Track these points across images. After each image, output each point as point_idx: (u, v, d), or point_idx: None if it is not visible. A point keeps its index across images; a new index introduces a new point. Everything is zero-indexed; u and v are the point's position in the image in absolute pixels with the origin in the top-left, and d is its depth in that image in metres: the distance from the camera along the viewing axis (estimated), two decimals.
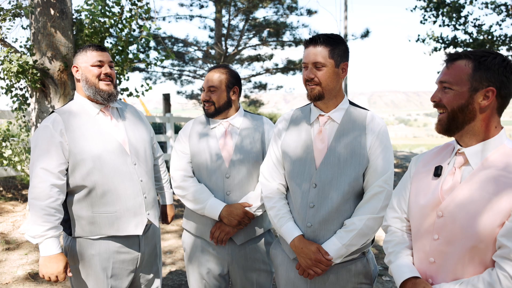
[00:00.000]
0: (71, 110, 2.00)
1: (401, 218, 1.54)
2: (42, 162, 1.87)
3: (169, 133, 8.62)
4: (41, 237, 1.84)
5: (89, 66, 1.99)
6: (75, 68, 2.03)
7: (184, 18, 14.51)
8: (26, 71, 4.14)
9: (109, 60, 2.03)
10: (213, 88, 2.15)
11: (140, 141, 2.11)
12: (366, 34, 14.21)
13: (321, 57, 1.72)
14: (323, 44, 1.73)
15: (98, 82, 1.98)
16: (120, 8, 4.70)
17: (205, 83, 2.18)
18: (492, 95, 1.28)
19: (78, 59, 2.02)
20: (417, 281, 1.37)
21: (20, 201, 5.55)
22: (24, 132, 4.88)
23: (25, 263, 3.77)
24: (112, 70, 2.05)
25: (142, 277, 2.17)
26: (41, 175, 1.86)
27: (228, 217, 2.06)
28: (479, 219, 1.25)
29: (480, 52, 1.29)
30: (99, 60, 1.99)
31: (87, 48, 2.01)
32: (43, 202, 1.83)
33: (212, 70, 2.20)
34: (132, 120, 2.15)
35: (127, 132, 2.07)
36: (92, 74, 1.98)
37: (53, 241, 1.85)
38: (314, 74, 1.73)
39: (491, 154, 1.31)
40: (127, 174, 1.99)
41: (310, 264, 1.71)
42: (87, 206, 1.96)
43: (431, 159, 1.48)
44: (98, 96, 1.99)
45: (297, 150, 1.83)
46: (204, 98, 2.17)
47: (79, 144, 1.92)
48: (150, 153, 2.18)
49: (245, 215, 2.08)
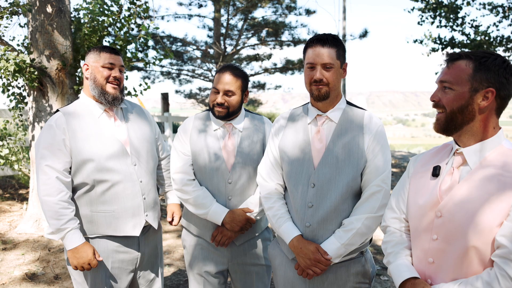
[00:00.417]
0: (75, 109, 2.02)
1: (399, 219, 1.54)
2: (47, 160, 1.90)
3: (167, 132, 8.61)
4: (62, 231, 1.87)
5: (100, 67, 2.00)
6: (85, 66, 2.04)
7: (183, 17, 14.50)
8: (24, 69, 4.12)
9: (120, 64, 2.04)
10: (230, 93, 2.08)
11: (143, 142, 2.11)
12: (365, 34, 14.23)
13: (330, 58, 1.72)
14: (331, 45, 1.73)
15: (106, 84, 1.99)
16: (118, 7, 4.69)
17: (220, 86, 2.08)
18: (492, 96, 1.28)
19: (90, 57, 2.03)
20: (416, 281, 1.37)
21: (17, 201, 5.53)
22: (22, 131, 4.86)
23: (22, 263, 3.76)
24: (122, 74, 2.06)
25: (142, 278, 2.17)
26: (48, 172, 1.89)
27: (231, 223, 2.06)
28: (478, 219, 1.25)
29: (481, 53, 1.30)
30: (110, 63, 2.00)
31: (101, 49, 2.02)
32: (55, 198, 1.86)
33: (227, 72, 2.09)
34: (136, 121, 2.15)
35: (130, 133, 2.07)
36: (101, 75, 1.99)
37: (75, 233, 1.89)
38: (323, 75, 1.72)
39: (489, 154, 1.31)
40: (126, 174, 1.99)
41: (309, 264, 1.72)
42: (86, 205, 1.97)
43: (430, 159, 1.48)
44: (102, 98, 2.00)
45: (295, 150, 1.83)
46: (219, 101, 2.07)
47: (80, 144, 1.93)
48: (153, 154, 2.18)
49: (247, 221, 2.09)
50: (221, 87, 2.08)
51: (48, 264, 3.78)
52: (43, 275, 3.57)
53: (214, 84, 2.12)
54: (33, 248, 4.08)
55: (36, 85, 4.28)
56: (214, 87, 2.12)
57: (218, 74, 2.12)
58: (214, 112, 2.12)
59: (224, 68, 2.12)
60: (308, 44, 1.77)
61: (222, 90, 2.08)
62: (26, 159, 5.22)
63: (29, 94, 4.49)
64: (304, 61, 1.81)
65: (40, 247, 4.12)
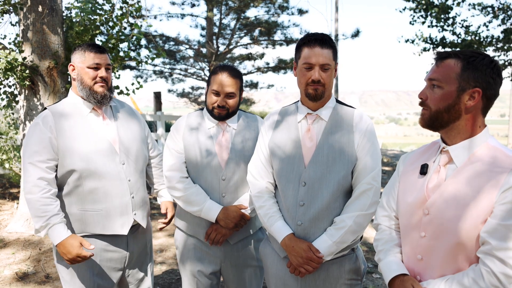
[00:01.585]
0: (63, 108, 2.00)
1: (390, 216, 1.57)
2: (30, 158, 1.89)
3: (160, 131, 8.58)
4: (45, 227, 1.85)
5: (85, 68, 1.97)
6: (71, 66, 2.01)
7: (176, 16, 14.42)
8: (15, 68, 4.09)
9: (106, 63, 2.00)
10: (231, 94, 2.08)
11: (132, 140, 2.10)
12: (357, 34, 14.31)
13: (328, 59, 1.74)
14: (329, 46, 1.74)
15: (94, 85, 1.97)
16: (111, 5, 4.67)
17: (221, 88, 2.05)
18: (478, 96, 1.29)
19: (75, 58, 2.00)
20: (405, 278, 1.39)
21: (8, 200, 5.48)
22: (13, 130, 4.82)
23: (12, 263, 3.73)
24: (109, 73, 2.03)
25: (131, 276, 2.17)
26: (30, 170, 1.88)
27: (225, 220, 2.05)
28: (463, 216, 1.27)
29: (469, 52, 1.31)
30: (96, 63, 1.97)
31: (86, 48, 1.98)
32: (36, 195, 1.85)
33: (226, 74, 2.07)
34: (125, 119, 2.13)
35: (119, 131, 2.06)
36: (88, 76, 1.96)
37: (59, 227, 1.86)
38: (321, 76, 1.73)
39: (475, 151, 1.33)
40: (115, 173, 1.98)
41: (301, 262, 1.73)
42: (74, 203, 1.97)
43: (418, 158, 1.50)
44: (91, 98, 1.98)
45: (285, 148, 1.84)
46: (221, 104, 2.06)
47: (67, 143, 1.92)
48: (143, 153, 2.16)
49: (242, 218, 2.08)
50: (221, 89, 2.06)
51: (39, 263, 3.75)
52: (33, 274, 3.55)
53: (213, 86, 2.08)
54: (24, 247, 4.05)
55: (28, 84, 4.24)
56: (213, 89, 2.08)
57: (216, 76, 2.08)
58: (213, 114, 2.11)
59: (222, 70, 2.09)
60: (305, 43, 1.75)
61: (224, 93, 2.06)
62: (17, 158, 5.18)
63: (20, 93, 4.45)
64: (298, 59, 1.79)
65: (31, 246, 4.09)
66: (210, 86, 2.11)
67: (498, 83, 1.30)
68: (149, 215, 2.23)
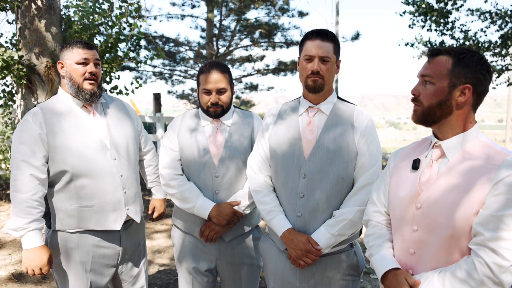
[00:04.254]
0: (53, 105, 1.99)
1: (381, 212, 1.58)
2: (22, 155, 1.86)
3: (160, 132, 8.57)
4: (23, 229, 1.83)
5: (74, 64, 1.96)
6: (60, 64, 2.01)
7: (176, 17, 14.46)
8: (11, 66, 4.08)
9: (95, 58, 2.00)
10: (223, 90, 2.08)
11: (123, 136, 2.09)
12: (357, 37, 14.34)
13: (328, 52, 1.78)
14: (330, 39, 1.79)
15: (83, 81, 1.96)
16: (110, 5, 4.67)
17: (211, 85, 2.05)
18: (469, 92, 1.33)
19: (63, 55, 2.00)
20: (397, 272, 1.40)
21: (5, 201, 5.46)
22: (10, 130, 4.82)
23: (8, 263, 3.71)
24: (98, 68, 2.02)
25: (125, 274, 2.16)
26: (22, 168, 1.85)
27: (218, 216, 2.06)
28: (456, 209, 1.29)
29: (460, 49, 1.35)
30: (84, 58, 1.96)
31: (74, 45, 1.98)
32: (24, 195, 1.83)
33: (213, 70, 2.07)
34: (116, 115, 2.13)
35: (109, 127, 2.06)
36: (76, 73, 1.96)
37: (36, 234, 1.84)
38: (320, 67, 1.77)
39: (466, 147, 1.36)
40: (106, 168, 1.98)
41: (300, 254, 1.75)
42: (66, 199, 1.96)
43: (410, 153, 1.52)
44: (80, 96, 1.98)
45: (286, 141, 1.86)
46: (214, 101, 2.06)
47: (58, 139, 1.91)
48: (134, 148, 2.16)
49: (234, 215, 2.08)
50: (212, 86, 2.06)
51: None
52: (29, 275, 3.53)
53: (203, 85, 2.09)
54: (20, 248, 4.03)
55: (25, 83, 4.24)
56: (204, 88, 2.08)
57: (204, 75, 2.09)
58: (209, 113, 2.11)
59: (209, 67, 2.10)
60: (308, 37, 1.81)
61: (215, 89, 2.07)
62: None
63: (17, 92, 4.45)
64: (300, 55, 1.85)
65: None
66: (201, 86, 2.12)
67: (487, 80, 1.34)
68: (143, 210, 2.23)
